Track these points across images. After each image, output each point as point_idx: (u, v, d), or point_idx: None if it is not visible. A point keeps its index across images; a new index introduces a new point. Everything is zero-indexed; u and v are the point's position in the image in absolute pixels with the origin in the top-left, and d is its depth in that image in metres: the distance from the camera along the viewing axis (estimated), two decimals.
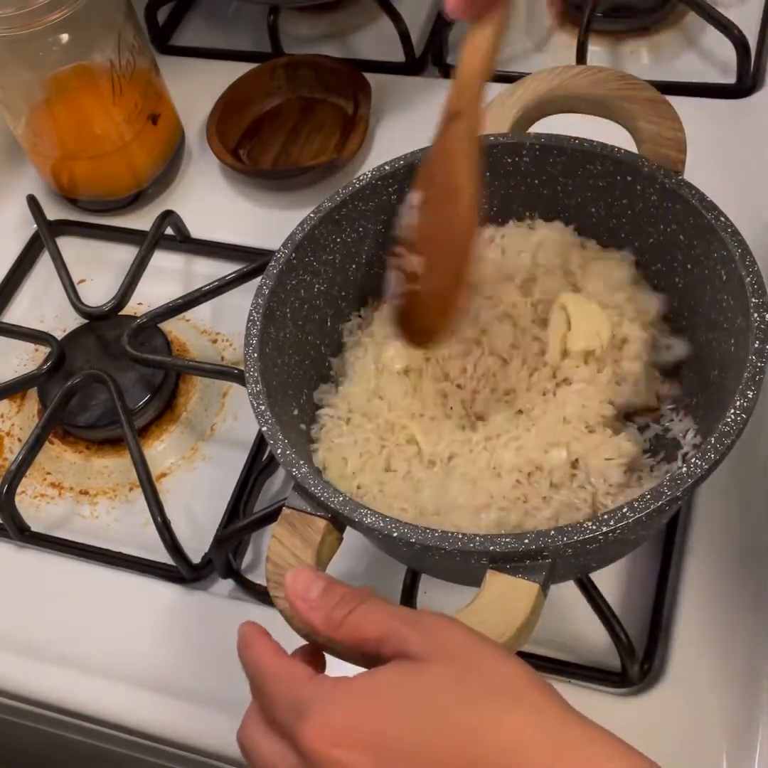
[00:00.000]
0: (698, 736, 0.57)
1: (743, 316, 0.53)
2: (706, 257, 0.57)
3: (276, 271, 0.60)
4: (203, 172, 0.90)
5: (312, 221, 0.62)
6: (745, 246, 0.54)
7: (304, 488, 0.52)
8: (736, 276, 0.54)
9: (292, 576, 0.46)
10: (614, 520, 0.47)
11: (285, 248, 0.61)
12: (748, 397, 0.49)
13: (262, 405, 0.55)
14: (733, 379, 0.52)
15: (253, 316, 0.58)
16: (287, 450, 0.53)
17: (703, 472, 0.48)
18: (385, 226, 0.65)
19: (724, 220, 0.56)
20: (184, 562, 0.67)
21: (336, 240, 0.63)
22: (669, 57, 0.90)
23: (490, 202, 0.65)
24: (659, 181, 0.58)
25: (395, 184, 0.63)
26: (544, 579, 0.47)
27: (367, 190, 0.63)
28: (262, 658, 0.45)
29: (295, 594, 0.45)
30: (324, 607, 0.44)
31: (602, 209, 0.63)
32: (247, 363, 0.57)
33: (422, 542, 0.48)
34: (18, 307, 0.86)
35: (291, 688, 0.42)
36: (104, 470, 0.75)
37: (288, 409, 0.60)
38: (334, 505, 0.51)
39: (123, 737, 0.66)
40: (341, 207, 0.62)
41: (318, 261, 0.63)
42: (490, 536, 0.48)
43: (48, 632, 0.68)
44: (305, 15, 0.99)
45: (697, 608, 0.61)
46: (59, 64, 0.78)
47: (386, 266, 0.64)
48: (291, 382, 0.61)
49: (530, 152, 0.62)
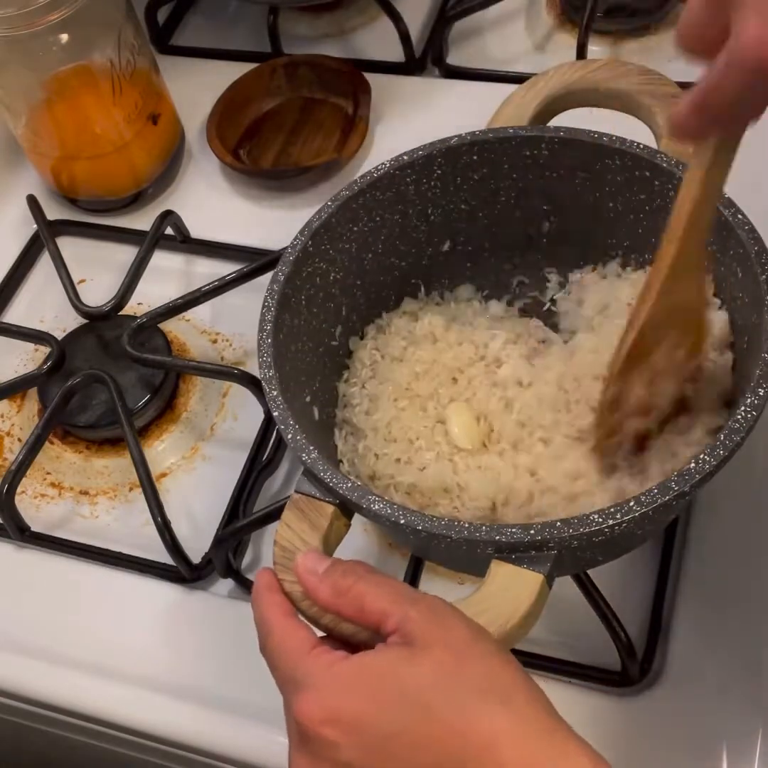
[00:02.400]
0: (698, 736, 0.57)
1: (757, 313, 0.53)
2: (722, 254, 0.57)
3: (292, 258, 0.60)
4: (203, 172, 0.90)
5: (329, 209, 0.62)
6: (761, 243, 0.54)
7: (313, 473, 0.52)
8: (751, 273, 0.54)
9: (302, 556, 0.49)
10: (621, 513, 0.47)
11: (302, 235, 0.61)
12: (760, 394, 0.49)
13: (274, 390, 0.55)
14: (745, 377, 0.52)
15: (268, 302, 0.58)
16: (298, 435, 0.53)
17: (711, 468, 0.48)
18: (402, 216, 0.65)
19: (741, 217, 0.55)
20: (184, 562, 0.67)
21: (353, 229, 0.63)
22: (669, 57, 0.89)
23: (508, 195, 0.65)
24: (677, 176, 0.58)
25: (413, 175, 0.63)
26: (549, 570, 0.47)
27: (385, 180, 0.63)
28: (270, 620, 0.47)
29: (304, 568, 0.48)
30: (330, 578, 0.46)
31: (620, 204, 0.63)
32: (260, 348, 0.57)
33: (429, 530, 0.49)
34: (18, 307, 0.86)
35: (291, 659, 0.45)
36: (104, 470, 0.75)
37: (300, 396, 0.60)
38: (343, 491, 0.51)
39: (123, 737, 0.65)
40: (359, 196, 0.62)
41: (334, 249, 0.63)
42: (496, 526, 0.48)
43: (48, 632, 0.68)
44: (305, 15, 0.99)
45: (697, 608, 0.61)
46: (59, 64, 0.78)
47: (402, 257, 0.64)
48: (304, 369, 0.61)
49: (549, 145, 0.62)
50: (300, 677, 0.43)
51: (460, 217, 0.66)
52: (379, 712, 0.41)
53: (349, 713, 0.41)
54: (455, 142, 0.63)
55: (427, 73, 0.93)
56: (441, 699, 0.41)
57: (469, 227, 0.67)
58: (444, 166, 0.63)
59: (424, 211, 0.65)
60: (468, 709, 0.40)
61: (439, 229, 0.67)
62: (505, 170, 0.64)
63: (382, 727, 0.41)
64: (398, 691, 0.41)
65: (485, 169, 0.64)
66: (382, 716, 0.41)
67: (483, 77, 0.90)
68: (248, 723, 0.62)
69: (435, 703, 0.40)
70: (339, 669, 0.43)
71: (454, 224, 0.67)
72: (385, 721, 0.41)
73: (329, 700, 0.42)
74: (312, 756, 0.42)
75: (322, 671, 0.43)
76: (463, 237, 0.67)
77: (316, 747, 0.42)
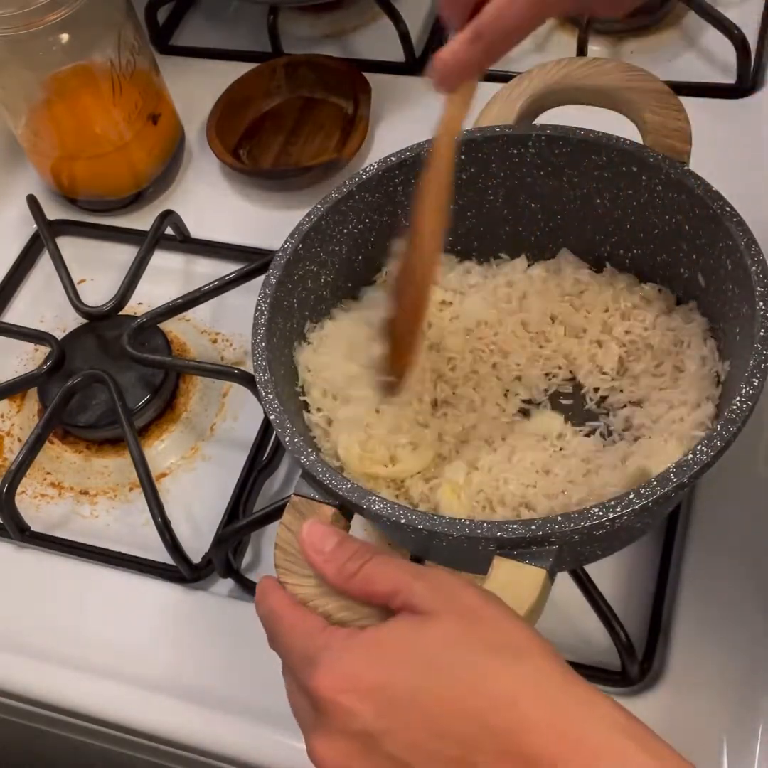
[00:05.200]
0: (698, 735, 0.57)
1: (749, 305, 0.53)
2: (711, 247, 0.57)
3: (283, 262, 0.60)
4: (203, 172, 0.90)
5: (319, 212, 0.62)
6: (750, 235, 0.54)
7: (312, 476, 0.52)
8: (741, 265, 0.54)
9: (307, 528, 0.48)
10: (621, 506, 0.47)
11: (292, 238, 0.61)
12: (754, 384, 0.49)
13: (270, 394, 0.55)
14: (738, 368, 0.53)
15: (261, 306, 0.59)
16: (295, 438, 0.53)
17: (708, 459, 0.48)
18: (391, 217, 0.65)
19: (730, 210, 0.56)
20: (184, 562, 0.67)
21: (342, 231, 0.64)
22: (669, 57, 0.89)
23: (495, 194, 0.65)
24: (664, 171, 0.58)
25: (401, 176, 0.63)
26: (551, 565, 0.47)
27: (374, 182, 0.63)
28: (278, 610, 0.47)
29: (311, 546, 0.47)
30: (338, 560, 0.46)
31: (607, 200, 0.63)
32: (254, 352, 0.57)
33: (430, 528, 0.49)
34: (18, 307, 0.86)
35: (304, 639, 0.45)
36: (104, 470, 0.75)
37: (296, 399, 0.60)
38: (342, 493, 0.51)
39: (123, 737, 0.65)
40: (348, 198, 0.63)
41: (325, 252, 0.63)
42: (497, 522, 0.48)
43: (48, 632, 0.68)
44: (305, 15, 0.99)
45: (697, 607, 0.61)
46: (59, 64, 0.78)
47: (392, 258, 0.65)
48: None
49: (536, 143, 0.62)
50: (315, 653, 0.43)
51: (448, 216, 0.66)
52: (393, 677, 0.41)
53: (366, 680, 0.41)
54: None
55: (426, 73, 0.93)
56: (453, 660, 0.40)
57: (458, 227, 0.67)
58: None
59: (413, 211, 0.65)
60: (482, 668, 0.40)
61: None
62: (492, 169, 0.64)
63: (397, 692, 0.40)
64: (411, 656, 0.41)
65: (473, 168, 0.64)
66: (397, 681, 0.40)
67: (483, 77, 0.89)
68: (248, 723, 0.62)
69: (448, 664, 0.40)
70: (352, 641, 0.43)
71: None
72: (400, 686, 0.40)
73: (346, 668, 0.42)
74: (329, 733, 0.41)
75: (336, 643, 0.43)
76: (452, 237, 0.67)
77: (332, 720, 0.41)
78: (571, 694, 0.39)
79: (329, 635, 0.44)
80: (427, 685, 0.40)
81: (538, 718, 0.38)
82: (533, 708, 0.39)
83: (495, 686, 0.39)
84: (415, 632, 0.42)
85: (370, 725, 0.40)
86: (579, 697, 0.39)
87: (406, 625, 0.43)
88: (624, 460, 0.57)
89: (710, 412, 0.57)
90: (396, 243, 0.58)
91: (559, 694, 0.39)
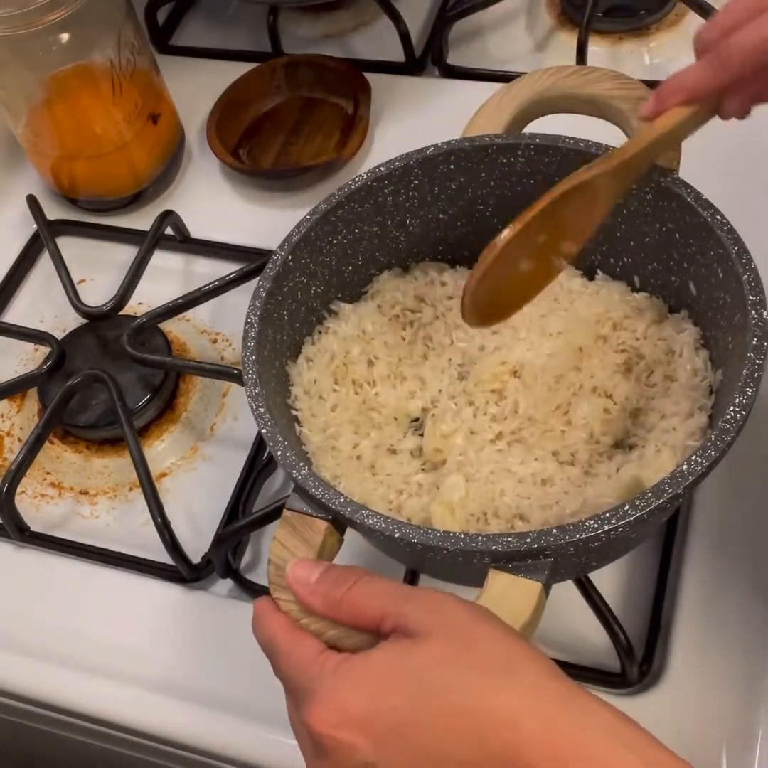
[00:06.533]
0: (698, 736, 0.57)
1: (741, 313, 0.53)
2: (702, 255, 0.57)
3: (273, 274, 0.60)
4: (203, 172, 0.90)
5: (308, 223, 0.62)
6: (741, 244, 0.54)
7: (304, 490, 0.52)
8: (733, 274, 0.54)
9: (292, 565, 0.48)
10: (616, 518, 0.47)
11: (282, 250, 0.61)
12: (747, 393, 0.49)
13: (261, 407, 0.55)
14: (731, 377, 0.53)
15: (251, 318, 0.58)
16: (287, 452, 0.53)
17: (703, 470, 0.48)
18: (381, 227, 0.65)
19: (720, 218, 0.55)
20: (184, 562, 0.67)
21: (332, 242, 0.63)
22: (669, 57, 0.89)
23: (485, 203, 0.65)
24: (654, 179, 0.58)
25: (391, 186, 0.63)
26: (546, 578, 0.47)
27: (363, 192, 0.63)
28: (274, 636, 0.47)
29: (295, 580, 0.47)
30: (322, 590, 0.46)
31: None
32: (245, 365, 0.57)
33: (424, 542, 0.48)
34: (18, 307, 0.86)
35: (298, 670, 0.45)
36: (104, 470, 0.75)
37: (287, 411, 0.60)
38: (335, 507, 0.51)
39: (123, 737, 0.66)
40: (337, 209, 0.62)
41: (314, 263, 0.63)
42: (492, 535, 0.48)
43: (47, 632, 0.68)
44: (305, 15, 0.99)
45: (697, 608, 0.61)
46: (59, 64, 0.78)
47: (381, 268, 0.65)
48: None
49: (525, 152, 0.62)
50: (309, 684, 0.43)
51: (439, 226, 0.66)
52: (388, 704, 0.40)
53: (360, 710, 0.41)
54: (431, 152, 0.62)
55: (427, 73, 0.93)
56: (448, 682, 0.40)
57: (448, 236, 0.67)
58: (421, 177, 0.63)
59: (403, 221, 0.65)
60: (476, 689, 0.40)
61: (418, 239, 0.67)
62: (482, 179, 0.64)
63: (392, 717, 0.40)
64: (404, 681, 0.41)
65: (462, 178, 0.64)
66: (392, 709, 0.40)
67: (483, 77, 0.90)
68: (248, 723, 0.62)
69: (443, 688, 0.40)
70: (343, 669, 0.43)
71: (433, 234, 0.67)
72: (395, 710, 0.40)
73: (338, 702, 0.41)
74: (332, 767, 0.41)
75: (328, 675, 0.43)
76: (442, 246, 0.67)
77: (332, 754, 0.41)
78: (569, 706, 0.39)
79: (322, 664, 0.44)
80: (422, 713, 0.40)
81: (537, 736, 0.38)
82: (532, 725, 0.38)
83: (492, 706, 0.39)
84: (406, 656, 0.42)
85: (371, 756, 0.40)
86: (578, 708, 0.39)
87: (397, 648, 0.42)
88: (618, 469, 0.57)
89: (703, 421, 0.57)
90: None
91: (558, 708, 0.39)
